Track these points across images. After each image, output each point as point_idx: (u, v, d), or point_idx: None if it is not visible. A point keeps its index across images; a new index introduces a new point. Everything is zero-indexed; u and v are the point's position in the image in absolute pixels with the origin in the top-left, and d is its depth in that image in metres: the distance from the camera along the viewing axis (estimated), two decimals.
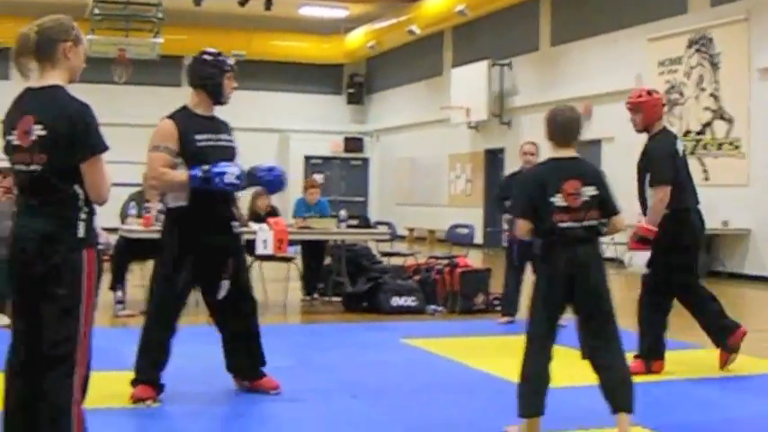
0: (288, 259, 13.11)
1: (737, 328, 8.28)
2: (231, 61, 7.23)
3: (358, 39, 30.87)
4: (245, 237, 12.56)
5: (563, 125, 6.08)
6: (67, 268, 4.66)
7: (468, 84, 26.20)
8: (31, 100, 4.79)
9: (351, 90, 34.34)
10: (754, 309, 14.95)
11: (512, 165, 23.84)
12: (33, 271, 4.66)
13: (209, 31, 30.00)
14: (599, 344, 5.86)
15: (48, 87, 4.79)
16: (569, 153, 6.03)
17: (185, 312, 7.22)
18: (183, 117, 7.01)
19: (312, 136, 32.30)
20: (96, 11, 25.50)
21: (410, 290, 12.41)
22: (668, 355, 8.49)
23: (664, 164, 8.13)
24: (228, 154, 7.03)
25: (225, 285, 7.04)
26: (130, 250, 12.21)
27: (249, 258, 12.89)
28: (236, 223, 7.23)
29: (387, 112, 32.94)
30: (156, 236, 11.82)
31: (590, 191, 5.85)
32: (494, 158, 26.67)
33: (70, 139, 4.63)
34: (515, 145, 24.25)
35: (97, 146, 4.70)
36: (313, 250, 13.23)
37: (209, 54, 7.18)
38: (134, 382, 6.87)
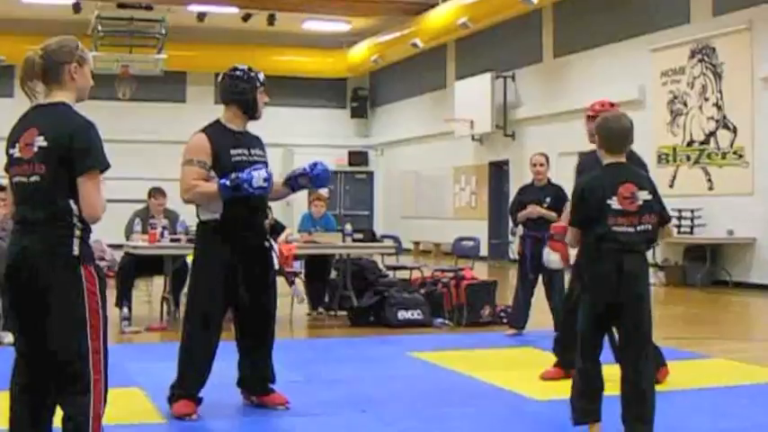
0: (294, 274, 13.12)
1: None
2: (262, 76, 7.27)
3: (361, 53, 30.89)
4: None
5: (618, 132, 6.13)
6: (65, 286, 4.59)
7: (472, 96, 26.20)
8: (37, 115, 4.79)
9: (355, 104, 34.37)
10: (759, 318, 14.95)
11: (516, 177, 23.88)
12: (30, 290, 4.60)
13: (213, 47, 30.06)
14: (630, 358, 5.90)
15: (55, 104, 4.77)
16: (621, 159, 6.07)
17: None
18: (216, 132, 7.02)
19: (316, 150, 32.22)
20: (99, 27, 25.58)
21: (416, 303, 12.40)
22: (675, 364, 8.48)
23: None
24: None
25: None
26: (136, 267, 12.23)
27: None
28: (267, 237, 7.25)
29: (391, 125, 32.96)
30: (162, 252, 11.95)
31: (644, 195, 5.89)
32: (498, 171, 26.67)
33: (71, 151, 4.60)
34: (519, 157, 24.32)
35: (97, 161, 4.66)
36: (319, 265, 13.23)
37: (240, 70, 7.23)
38: (172, 398, 6.88)
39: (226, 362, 7.18)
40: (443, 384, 8.35)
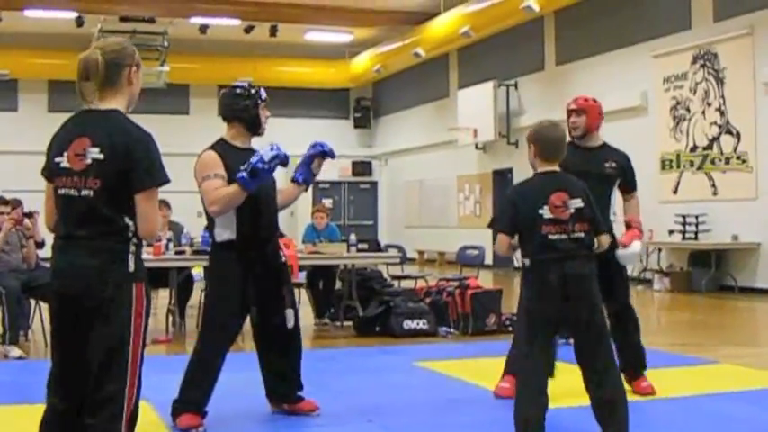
0: (298, 285, 13.14)
1: None
2: (263, 92, 7.24)
3: (363, 63, 30.93)
4: None
5: (550, 142, 6.14)
6: (116, 305, 4.38)
7: (475, 105, 26.24)
8: (88, 122, 4.53)
9: (357, 114, 34.38)
10: (765, 322, 14.94)
11: None
12: (79, 308, 4.39)
13: (215, 59, 30.13)
14: (592, 363, 5.82)
15: (107, 111, 4.54)
16: (554, 168, 6.07)
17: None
18: (223, 149, 6.96)
19: None
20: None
21: (422, 312, 12.39)
22: (681, 370, 8.48)
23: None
24: (271, 184, 7.06)
25: (290, 315, 7.09)
26: None
27: None
28: (281, 252, 7.23)
29: (394, 135, 32.97)
30: (166, 264, 11.96)
31: (576, 203, 5.86)
32: (502, 179, 26.66)
33: (129, 166, 4.39)
34: (523, 165, 24.19)
35: (158, 177, 4.49)
36: (323, 275, 13.24)
37: (240, 87, 7.19)
38: (178, 411, 6.89)
39: (230, 374, 7.18)
40: (450, 393, 8.34)
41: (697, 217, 18.52)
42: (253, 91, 7.16)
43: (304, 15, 27.06)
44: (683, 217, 18.54)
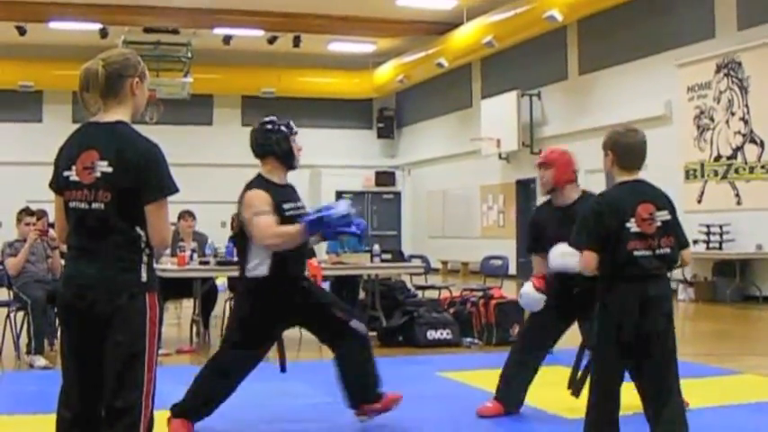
0: None
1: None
2: (292, 124, 7.29)
3: (387, 73, 30.96)
4: None
5: (632, 148, 5.73)
6: (130, 315, 4.38)
7: (498, 115, 26.24)
8: (95, 135, 4.51)
9: (381, 124, 34.39)
10: None
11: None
12: (92, 318, 4.38)
13: (239, 70, 30.24)
14: (661, 392, 5.49)
15: (113, 123, 4.52)
16: (636, 176, 5.68)
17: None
18: (266, 188, 6.93)
19: (343, 171, 32.34)
20: None
21: (445, 323, 12.39)
22: (704, 381, 8.45)
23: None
24: None
25: (357, 324, 7.18)
26: (165, 289, 12.26)
27: None
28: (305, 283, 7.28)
29: (417, 145, 32.98)
30: (191, 275, 11.98)
31: (663, 215, 5.55)
32: (525, 189, 26.64)
33: (138, 177, 4.38)
34: None
35: (167, 187, 4.46)
36: (347, 285, 13.24)
37: (270, 122, 7.22)
38: (174, 416, 6.91)
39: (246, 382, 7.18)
40: (474, 404, 8.31)
41: (721, 227, 18.47)
42: (281, 124, 7.20)
43: (327, 26, 27.12)
44: (708, 227, 18.48)
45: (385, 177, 33.44)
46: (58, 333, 11.24)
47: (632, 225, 5.43)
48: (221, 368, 7.04)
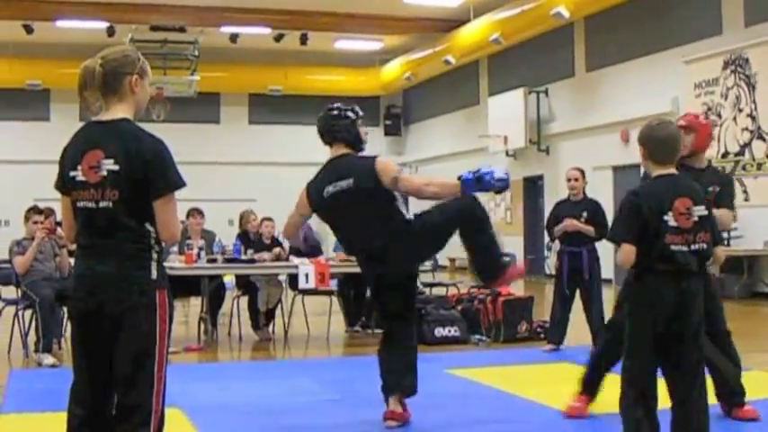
0: (329, 293, 13.17)
1: None
2: (357, 108, 7.38)
3: (394, 70, 30.95)
4: (288, 271, 12.71)
5: (665, 141, 5.62)
6: (140, 312, 4.38)
7: (505, 112, 26.22)
8: (98, 133, 4.51)
9: (388, 122, 34.38)
10: None
11: (550, 192, 23.87)
12: (103, 316, 4.37)
13: (246, 68, 30.26)
14: (689, 389, 5.48)
15: (116, 121, 4.51)
16: (672, 170, 5.61)
17: (232, 348, 7.24)
18: None
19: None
20: None
21: (453, 320, 12.40)
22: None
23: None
24: None
25: None
26: (172, 287, 12.27)
27: (291, 292, 13.03)
28: None
29: (425, 142, 32.97)
30: (199, 273, 11.98)
31: (700, 210, 5.46)
32: (533, 186, 26.64)
33: (145, 174, 4.37)
34: (554, 172, 24.30)
35: (174, 182, 4.45)
36: (355, 283, 13.24)
37: (336, 108, 7.32)
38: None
39: (260, 382, 7.19)
40: (482, 401, 8.33)
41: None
42: (349, 110, 7.28)
43: (334, 23, 27.12)
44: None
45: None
46: (66, 331, 11.28)
47: (670, 219, 5.38)
48: None
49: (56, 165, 4.64)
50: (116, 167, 4.38)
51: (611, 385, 5.95)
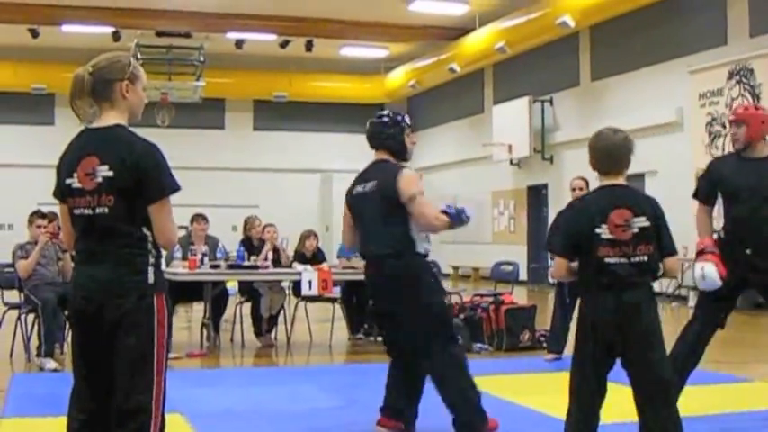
0: (332, 300, 13.17)
1: None
2: (408, 119, 7.39)
3: (399, 78, 30.96)
4: (291, 278, 12.71)
5: (603, 151, 5.55)
6: (138, 317, 4.39)
7: (510, 120, 26.21)
8: (93, 141, 4.53)
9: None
10: None
11: (554, 201, 23.86)
12: (101, 321, 4.38)
13: (251, 74, 30.28)
14: (645, 405, 5.34)
15: (110, 127, 4.53)
16: (617, 181, 5.48)
17: (234, 355, 7.23)
18: None
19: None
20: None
21: (456, 328, 12.38)
22: (715, 388, 8.42)
23: None
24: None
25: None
26: (175, 292, 12.29)
27: (294, 299, 13.03)
28: None
29: (429, 150, 32.94)
30: (202, 278, 11.98)
31: (640, 222, 5.29)
32: (537, 195, 26.63)
33: (139, 179, 4.39)
34: (558, 181, 24.30)
35: (169, 186, 4.46)
36: (357, 291, 13.24)
37: (387, 116, 7.34)
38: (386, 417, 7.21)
39: (261, 388, 7.19)
40: (486, 410, 8.32)
41: None
42: (398, 118, 7.29)
43: (340, 30, 27.14)
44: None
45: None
46: (69, 335, 11.28)
47: (603, 231, 5.26)
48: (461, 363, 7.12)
49: None
50: (110, 173, 4.41)
51: (617, 394, 5.94)
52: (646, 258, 5.29)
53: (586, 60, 24.32)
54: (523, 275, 22.17)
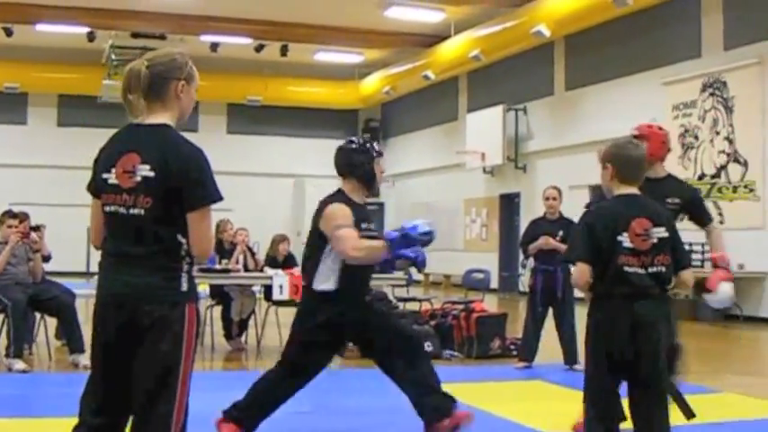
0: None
1: None
2: (378, 147, 7.17)
3: (373, 84, 31.00)
4: (262, 282, 12.70)
5: (633, 160, 5.55)
6: (170, 325, 4.19)
7: (484, 128, 26.27)
8: (137, 137, 4.33)
9: (366, 135, 34.37)
10: None
11: (527, 209, 23.91)
12: (130, 328, 4.18)
13: (226, 77, 30.22)
14: (644, 417, 5.34)
15: (157, 126, 4.35)
16: (634, 190, 5.48)
17: (204, 358, 7.21)
18: (349, 203, 6.87)
19: (327, 181, 31.76)
20: (113, 56, 25.74)
21: (426, 335, 12.36)
22: (686, 398, 8.44)
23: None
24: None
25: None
26: None
27: (265, 303, 13.00)
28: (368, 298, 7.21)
29: (402, 156, 32.98)
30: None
31: (660, 232, 5.32)
32: (509, 203, 26.69)
33: (182, 184, 4.19)
34: (530, 189, 24.35)
35: (211, 195, 4.27)
36: None
37: (356, 142, 7.14)
38: (226, 418, 6.93)
39: (234, 392, 7.15)
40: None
41: (703, 245, 18.44)
42: (368, 146, 7.09)
43: (315, 36, 27.17)
44: (690, 244, 18.49)
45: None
46: (38, 336, 11.22)
47: (625, 239, 5.23)
48: (283, 378, 7.05)
49: (32, 169, 4.56)
50: (152, 174, 4.21)
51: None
52: (663, 269, 5.28)
53: (561, 70, 24.40)
54: (495, 283, 22.19)
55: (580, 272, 5.32)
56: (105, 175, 4.30)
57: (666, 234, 5.34)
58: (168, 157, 4.24)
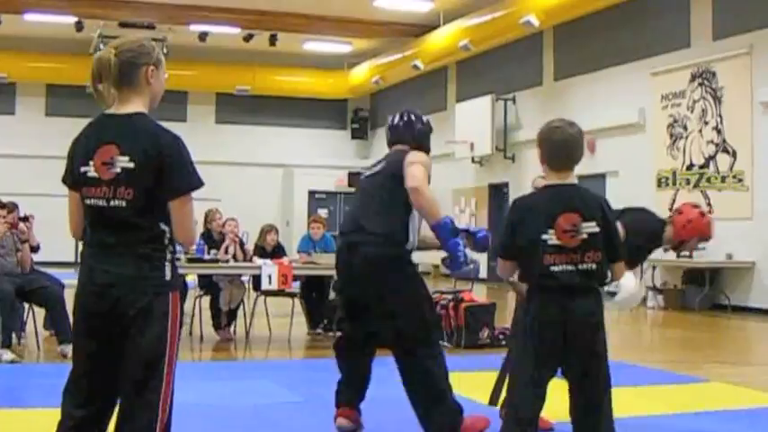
0: (292, 295, 13.15)
1: None
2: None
3: (362, 74, 30.95)
4: (250, 272, 12.70)
5: (559, 144, 5.13)
6: (154, 314, 4.17)
7: (472, 118, 26.24)
8: (112, 128, 4.28)
9: (355, 125, 34.35)
10: (758, 342, 14.94)
11: None
12: (113, 318, 4.16)
13: (214, 67, 30.21)
14: (584, 420, 5.06)
15: (131, 115, 4.31)
16: (567, 180, 5.11)
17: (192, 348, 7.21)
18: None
19: (316, 171, 32.27)
20: (101, 46, 25.58)
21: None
22: (672, 388, 8.45)
23: None
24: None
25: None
26: None
27: (254, 293, 13.01)
28: None
29: None
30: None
31: (590, 227, 4.91)
32: (498, 193, 26.69)
33: (162, 173, 4.16)
34: (519, 179, 24.35)
35: (192, 182, 4.24)
36: (317, 286, 13.24)
37: (422, 117, 7.35)
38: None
39: (217, 383, 7.17)
40: None
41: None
42: (429, 122, 7.42)
43: (304, 25, 27.11)
44: None
45: (358, 178, 33.35)
46: (27, 326, 11.21)
47: (550, 237, 4.89)
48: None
49: (20, 159, 4.54)
50: (131, 165, 4.18)
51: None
52: (594, 266, 4.92)
53: (550, 60, 24.39)
54: (484, 273, 22.20)
55: (501, 266, 5.25)
56: (84, 168, 4.27)
57: (597, 229, 4.94)
58: (146, 146, 4.21)
